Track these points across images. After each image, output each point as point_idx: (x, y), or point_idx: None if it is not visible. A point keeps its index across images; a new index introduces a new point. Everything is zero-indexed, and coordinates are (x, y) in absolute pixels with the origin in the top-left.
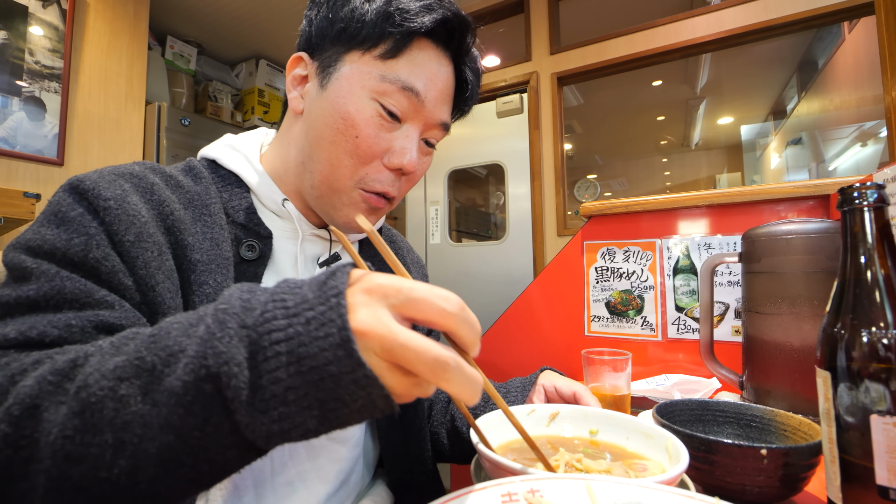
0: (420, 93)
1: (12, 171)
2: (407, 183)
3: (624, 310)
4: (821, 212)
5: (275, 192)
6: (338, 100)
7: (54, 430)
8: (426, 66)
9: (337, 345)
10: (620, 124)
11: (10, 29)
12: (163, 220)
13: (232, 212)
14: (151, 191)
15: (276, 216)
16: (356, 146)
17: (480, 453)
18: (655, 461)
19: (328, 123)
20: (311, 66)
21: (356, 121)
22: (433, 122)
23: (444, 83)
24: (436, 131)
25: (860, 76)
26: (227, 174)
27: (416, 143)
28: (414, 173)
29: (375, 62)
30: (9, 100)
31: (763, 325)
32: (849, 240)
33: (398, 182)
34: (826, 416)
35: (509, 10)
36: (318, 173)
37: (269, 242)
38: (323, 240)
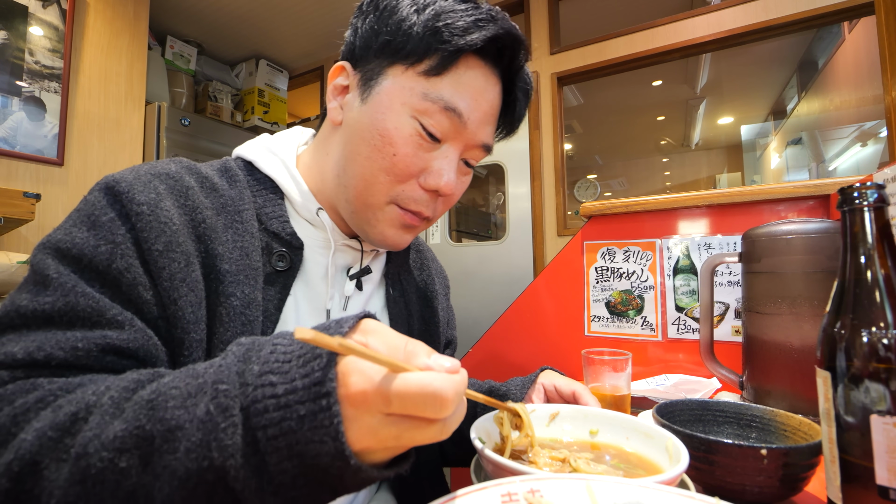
0: (463, 114)
1: (12, 171)
2: (444, 204)
3: (624, 310)
4: (821, 212)
5: (310, 201)
6: (377, 115)
7: (56, 492)
8: (472, 85)
9: (334, 455)
10: (620, 124)
11: (10, 29)
12: (194, 227)
13: (265, 219)
14: (186, 195)
15: (310, 224)
16: (392, 164)
17: (480, 453)
18: (653, 463)
19: (365, 138)
20: (353, 76)
21: (394, 138)
22: (474, 144)
23: (489, 104)
24: (476, 152)
25: (860, 76)
26: (263, 178)
27: (455, 164)
28: (453, 195)
29: (419, 78)
30: (9, 100)
31: (763, 325)
32: (849, 240)
33: (434, 203)
34: (826, 416)
35: (509, 10)
36: (353, 188)
37: (301, 253)
38: (354, 250)
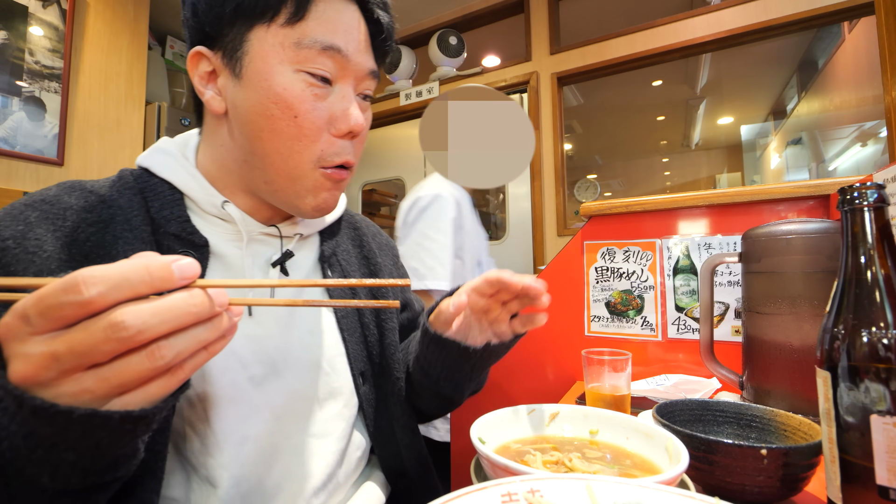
0: (342, 48)
1: (12, 171)
2: (359, 144)
3: (624, 310)
4: (821, 212)
5: (213, 195)
6: (260, 85)
7: None
8: (337, 17)
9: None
10: (620, 124)
11: (10, 29)
12: (78, 246)
13: (163, 221)
14: (63, 216)
15: (219, 220)
16: (299, 127)
17: (480, 453)
18: (652, 463)
19: (260, 113)
20: (214, 58)
21: (288, 100)
22: (363, 74)
23: (360, 31)
24: (368, 82)
25: (860, 76)
26: (158, 182)
27: (355, 100)
28: (363, 133)
29: (284, 30)
30: (9, 100)
31: (763, 325)
32: (849, 240)
33: (351, 146)
34: (826, 416)
35: (509, 10)
36: (271, 167)
37: (206, 251)
38: (274, 238)
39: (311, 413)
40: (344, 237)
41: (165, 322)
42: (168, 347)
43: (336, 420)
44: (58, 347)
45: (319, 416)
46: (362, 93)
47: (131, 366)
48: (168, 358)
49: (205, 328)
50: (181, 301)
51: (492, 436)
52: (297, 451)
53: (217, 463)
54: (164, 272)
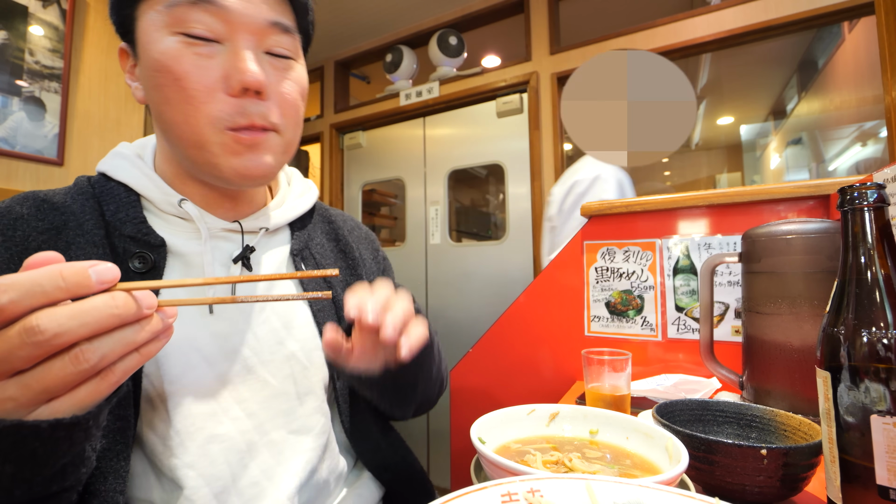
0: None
1: (12, 171)
2: (281, 108)
3: (624, 310)
4: (821, 212)
5: (169, 194)
6: (145, 57)
7: None
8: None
9: None
10: None
11: (10, 29)
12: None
13: (119, 224)
14: (14, 227)
15: (179, 219)
16: (184, 90)
17: (480, 453)
18: (652, 463)
19: (151, 86)
20: (129, 50)
21: (168, 64)
22: (260, 27)
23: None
24: (274, 37)
25: (860, 76)
26: (115, 185)
27: (248, 55)
28: (282, 95)
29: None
30: (9, 100)
31: (763, 325)
32: (849, 240)
33: (259, 107)
34: (826, 416)
35: (509, 10)
36: (177, 140)
37: (163, 251)
38: (236, 233)
39: (289, 409)
40: (316, 230)
41: (85, 325)
42: (92, 351)
43: (315, 415)
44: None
45: (299, 412)
46: (272, 50)
47: (54, 371)
48: (93, 361)
49: (132, 330)
50: (101, 303)
51: (492, 436)
52: (275, 449)
53: (182, 463)
54: (80, 277)
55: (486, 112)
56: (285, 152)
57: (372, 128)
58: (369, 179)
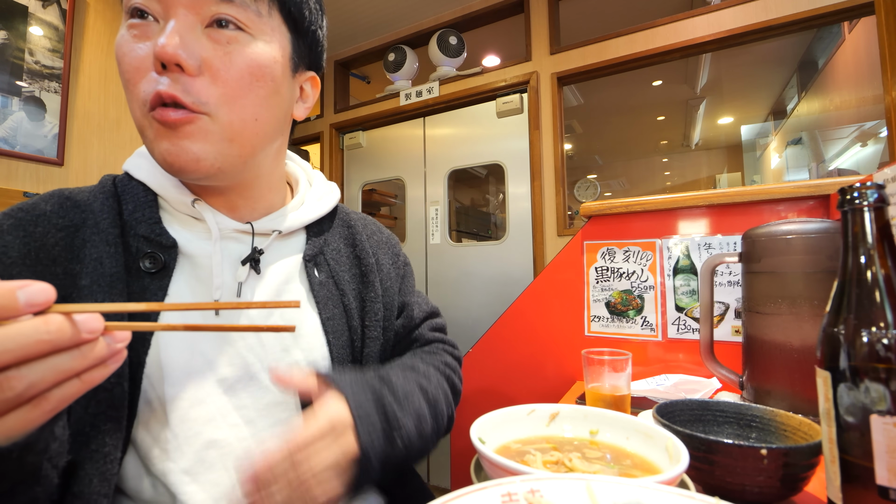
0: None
1: (12, 171)
2: (215, 86)
3: (624, 310)
4: (821, 212)
5: (183, 194)
6: None
7: None
8: None
9: None
10: (620, 124)
11: (10, 29)
12: (47, 251)
13: (134, 223)
14: (35, 223)
15: (193, 219)
16: (123, 73)
17: (480, 453)
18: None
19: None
20: None
21: (117, 53)
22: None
23: None
24: (213, 5)
25: (860, 76)
26: (135, 184)
27: (173, 25)
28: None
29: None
30: (9, 100)
31: (763, 325)
32: (849, 240)
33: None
34: (826, 416)
35: (509, 10)
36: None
37: (174, 252)
38: (248, 235)
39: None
40: (335, 235)
41: (8, 351)
42: (18, 378)
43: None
44: None
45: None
46: (215, 18)
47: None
48: (18, 389)
49: (69, 356)
50: (29, 328)
51: (492, 436)
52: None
53: (178, 468)
54: (5, 299)
55: (486, 112)
56: (229, 140)
57: (372, 128)
58: (369, 179)
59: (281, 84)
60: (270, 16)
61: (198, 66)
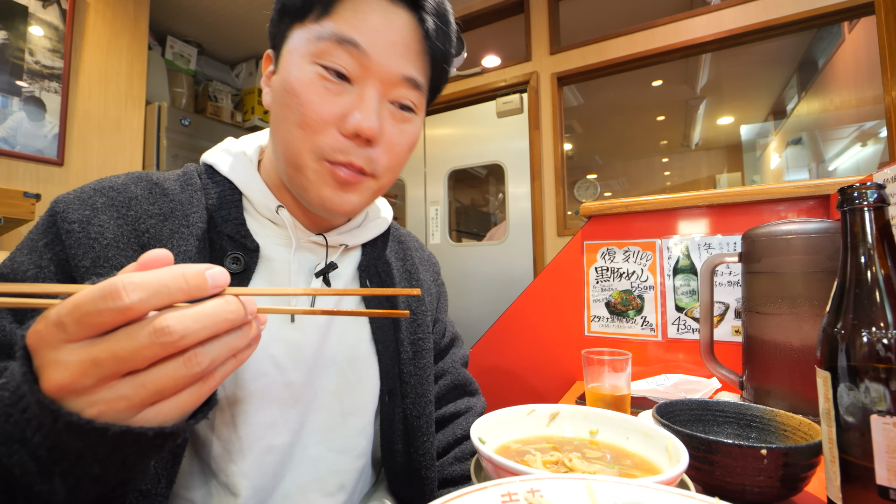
0: (361, 44)
1: (12, 171)
2: (387, 156)
3: (624, 310)
4: (821, 212)
5: (269, 199)
6: (282, 74)
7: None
8: (367, 14)
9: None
10: (620, 124)
11: (10, 29)
12: (137, 237)
13: (220, 221)
14: (129, 205)
15: (272, 223)
16: (302, 115)
17: (480, 453)
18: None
19: (279, 101)
20: (274, 58)
21: (297, 88)
22: (393, 79)
23: (394, 32)
24: (403, 90)
25: (860, 76)
26: (222, 180)
27: (374, 103)
28: (392, 145)
29: (312, 26)
30: (9, 100)
31: (763, 325)
32: (849, 240)
33: (365, 152)
34: (826, 416)
35: (509, 10)
36: (281, 157)
37: (256, 255)
38: (320, 247)
39: (332, 426)
40: (389, 250)
41: (206, 328)
42: (204, 354)
43: (357, 437)
44: (99, 353)
45: (341, 431)
46: (397, 101)
47: (168, 372)
48: (204, 364)
49: (236, 335)
50: (219, 307)
51: (492, 436)
52: (311, 464)
53: (239, 470)
54: (199, 280)
55: (486, 112)
56: (375, 194)
57: None
58: None
59: None
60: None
61: (379, 140)
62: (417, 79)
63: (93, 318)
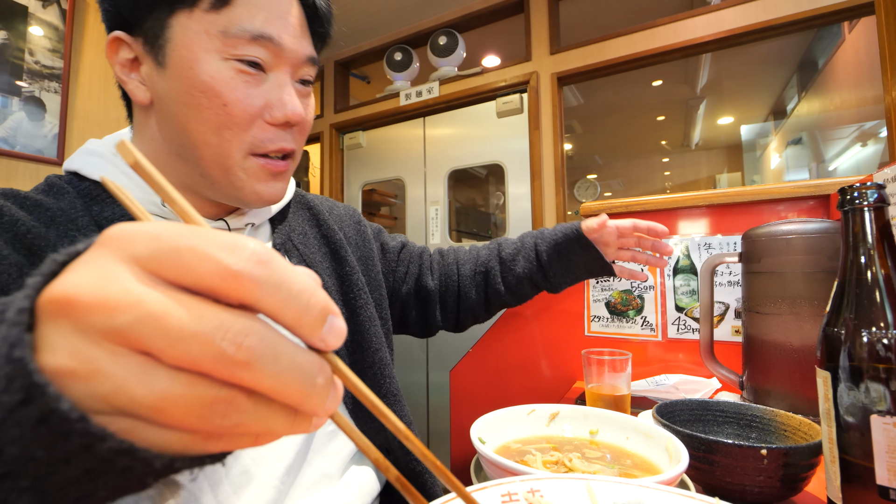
0: (274, 37)
1: (12, 171)
2: (300, 134)
3: (624, 310)
4: (821, 212)
5: (151, 194)
6: (186, 73)
7: None
8: (268, 4)
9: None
10: (620, 124)
11: (10, 29)
12: (19, 240)
13: (105, 223)
14: (0, 213)
15: (162, 218)
16: (228, 115)
17: (480, 453)
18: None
19: (187, 104)
20: (135, 45)
21: (217, 88)
22: (300, 61)
23: (294, 16)
24: (306, 68)
25: (860, 76)
26: (92, 185)
27: (292, 89)
28: (305, 123)
29: (208, 16)
30: (9, 100)
31: (763, 325)
32: (849, 240)
33: (290, 135)
34: (826, 416)
35: (509, 10)
36: (202, 161)
37: None
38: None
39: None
40: (298, 219)
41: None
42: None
43: None
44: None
45: None
46: (301, 79)
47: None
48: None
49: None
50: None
51: (492, 436)
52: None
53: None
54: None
55: (486, 112)
56: (292, 173)
57: (372, 128)
58: (369, 179)
59: None
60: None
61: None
62: (315, 56)
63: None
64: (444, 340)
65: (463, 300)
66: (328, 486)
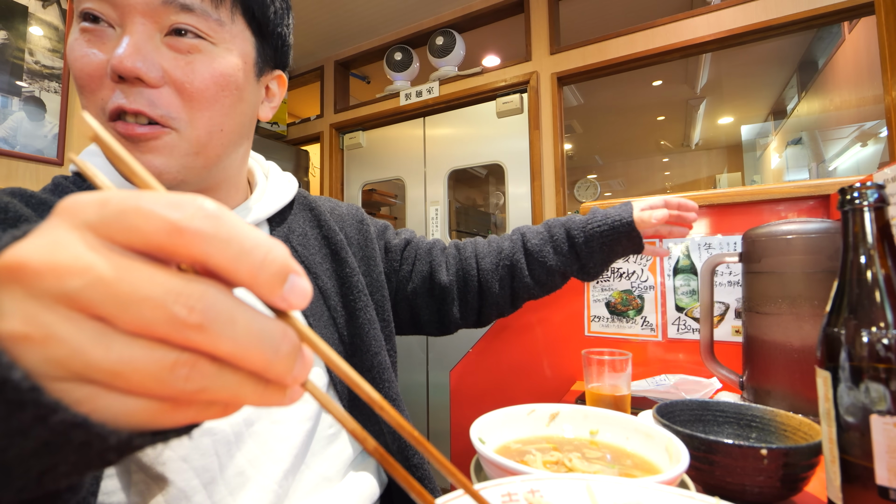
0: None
1: (12, 171)
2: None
3: (624, 310)
4: (821, 212)
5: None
6: None
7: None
8: None
9: None
10: (620, 124)
11: (10, 29)
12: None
13: None
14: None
15: None
16: (77, 79)
17: (480, 453)
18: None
19: None
20: None
21: (69, 54)
22: (150, 7)
23: None
24: (173, 16)
25: (860, 76)
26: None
27: (135, 39)
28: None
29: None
30: (9, 100)
31: (763, 325)
32: (849, 240)
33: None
34: (826, 416)
35: (509, 10)
36: None
37: None
38: None
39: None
40: (299, 220)
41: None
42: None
43: (300, 403)
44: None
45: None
46: (174, 27)
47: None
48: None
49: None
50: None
51: (492, 436)
52: (260, 439)
53: (177, 455)
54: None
55: (486, 112)
56: (196, 154)
57: (372, 128)
58: (369, 179)
59: (245, 90)
60: (233, 22)
61: (159, 76)
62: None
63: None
64: (444, 340)
65: (486, 295)
66: (327, 490)
